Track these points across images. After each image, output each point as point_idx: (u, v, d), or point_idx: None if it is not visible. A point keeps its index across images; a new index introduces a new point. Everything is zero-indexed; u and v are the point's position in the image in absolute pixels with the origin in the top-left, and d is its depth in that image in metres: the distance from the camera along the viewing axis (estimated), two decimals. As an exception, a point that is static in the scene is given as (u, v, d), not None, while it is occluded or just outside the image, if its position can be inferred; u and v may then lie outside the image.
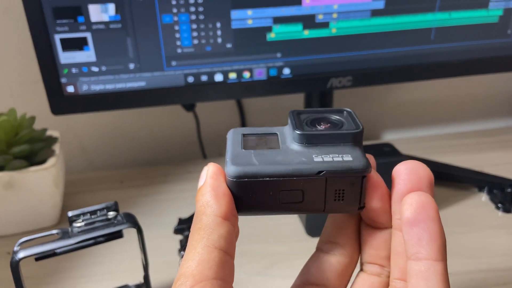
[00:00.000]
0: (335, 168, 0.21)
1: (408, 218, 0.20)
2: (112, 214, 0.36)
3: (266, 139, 0.24)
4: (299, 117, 0.24)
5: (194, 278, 0.19)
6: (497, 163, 0.66)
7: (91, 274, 0.48)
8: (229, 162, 0.21)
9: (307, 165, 0.21)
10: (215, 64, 0.52)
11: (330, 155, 0.21)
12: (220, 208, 0.21)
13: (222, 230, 0.20)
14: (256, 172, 0.21)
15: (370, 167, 0.21)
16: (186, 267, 0.19)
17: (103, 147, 0.71)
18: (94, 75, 0.50)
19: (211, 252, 0.20)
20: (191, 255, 0.20)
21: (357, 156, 0.21)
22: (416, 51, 0.55)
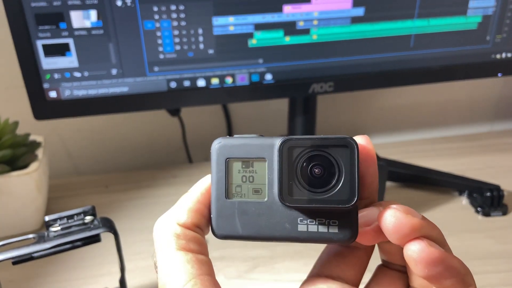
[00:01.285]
0: (318, 241, 0.20)
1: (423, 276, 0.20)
2: (89, 218, 0.36)
3: (253, 173, 0.21)
4: (291, 154, 0.20)
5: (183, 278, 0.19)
6: (479, 167, 0.67)
7: (71, 279, 0.48)
8: (213, 218, 0.22)
9: (290, 233, 0.21)
10: (198, 70, 0.52)
11: (315, 222, 0.20)
12: (187, 220, 0.21)
13: (189, 236, 0.21)
14: (240, 236, 0.21)
15: (354, 237, 0.20)
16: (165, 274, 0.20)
17: (88, 152, 0.71)
18: (77, 80, 0.50)
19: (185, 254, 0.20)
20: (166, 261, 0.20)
21: (345, 224, 0.20)
22: (396, 57, 0.56)
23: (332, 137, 0.20)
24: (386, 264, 0.24)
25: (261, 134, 0.23)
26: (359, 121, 0.79)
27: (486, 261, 0.49)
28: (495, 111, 0.83)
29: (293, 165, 0.20)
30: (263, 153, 0.21)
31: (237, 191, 0.21)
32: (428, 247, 0.19)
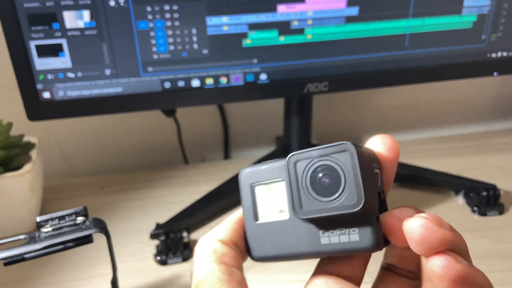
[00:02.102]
0: (342, 252, 0.20)
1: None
2: (81, 219, 0.36)
3: (275, 194, 0.22)
4: (296, 168, 0.21)
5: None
6: (476, 167, 0.67)
7: (64, 280, 0.48)
8: (249, 241, 0.23)
9: (315, 248, 0.21)
10: (192, 70, 0.52)
11: (336, 232, 0.20)
12: (225, 237, 0.23)
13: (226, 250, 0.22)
14: (272, 257, 0.23)
15: (379, 243, 0.20)
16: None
17: (83, 153, 0.71)
18: (70, 81, 0.50)
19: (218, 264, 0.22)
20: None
21: (365, 231, 0.20)
22: (391, 57, 0.56)
23: (331, 144, 0.20)
24: (392, 268, 0.23)
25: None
26: (355, 121, 0.79)
27: (482, 261, 0.49)
28: (491, 111, 0.82)
29: (301, 178, 0.21)
30: (281, 174, 0.22)
31: (264, 213, 0.22)
32: (456, 264, 0.18)
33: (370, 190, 0.20)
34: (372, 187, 0.20)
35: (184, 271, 0.48)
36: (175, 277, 0.48)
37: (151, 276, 0.48)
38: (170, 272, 0.48)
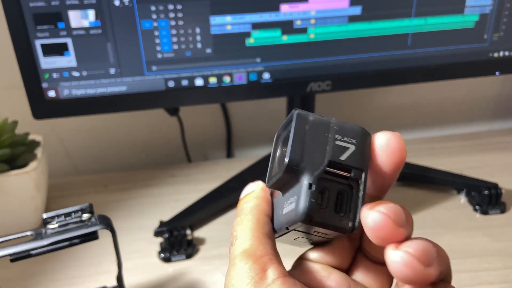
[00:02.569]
0: (289, 223, 0.21)
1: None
2: (87, 216, 0.36)
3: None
4: (275, 147, 0.23)
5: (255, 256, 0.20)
6: (477, 166, 0.67)
7: (69, 277, 0.48)
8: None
9: (279, 222, 0.22)
10: (195, 69, 0.53)
11: (288, 202, 0.21)
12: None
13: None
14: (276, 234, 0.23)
15: (310, 215, 0.19)
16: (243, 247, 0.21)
17: (87, 152, 0.71)
18: (75, 80, 0.50)
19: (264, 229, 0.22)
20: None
21: (299, 200, 0.20)
22: (394, 56, 0.56)
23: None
24: (368, 255, 0.23)
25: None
26: (357, 121, 0.79)
27: (484, 259, 0.50)
28: (493, 110, 0.83)
29: (273, 154, 0.24)
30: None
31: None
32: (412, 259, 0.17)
33: (299, 153, 0.20)
34: (310, 152, 0.20)
35: (187, 268, 0.49)
36: (178, 274, 0.48)
37: (155, 273, 0.48)
38: (174, 269, 0.49)
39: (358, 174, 0.20)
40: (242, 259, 0.20)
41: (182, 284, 0.47)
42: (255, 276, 0.19)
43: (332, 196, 0.20)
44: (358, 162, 0.20)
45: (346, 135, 0.20)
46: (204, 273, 0.48)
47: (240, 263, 0.20)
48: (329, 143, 0.20)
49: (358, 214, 0.20)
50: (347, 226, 0.20)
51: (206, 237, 0.54)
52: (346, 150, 0.20)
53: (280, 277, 0.19)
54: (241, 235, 0.21)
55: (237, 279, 0.20)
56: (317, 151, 0.20)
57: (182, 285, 0.47)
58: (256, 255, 0.20)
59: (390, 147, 0.20)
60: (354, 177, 0.20)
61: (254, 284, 0.19)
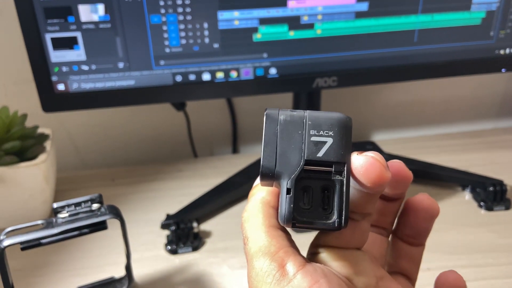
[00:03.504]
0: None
1: None
2: (96, 206, 0.37)
3: None
4: None
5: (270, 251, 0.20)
6: (482, 163, 0.67)
7: (78, 268, 0.49)
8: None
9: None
10: (203, 64, 0.53)
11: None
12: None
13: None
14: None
15: (289, 215, 0.20)
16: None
17: (95, 146, 0.72)
18: (84, 73, 0.51)
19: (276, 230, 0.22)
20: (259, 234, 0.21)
21: (280, 205, 0.20)
22: (400, 52, 0.56)
23: None
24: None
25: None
26: (363, 117, 0.79)
27: (488, 255, 0.50)
28: (499, 108, 0.83)
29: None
30: None
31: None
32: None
33: (272, 159, 0.19)
34: (284, 154, 0.20)
35: (193, 260, 0.49)
36: (185, 266, 0.49)
37: (161, 265, 0.49)
38: (180, 261, 0.49)
39: (339, 167, 0.19)
40: (259, 259, 0.20)
41: (189, 275, 0.47)
42: (276, 273, 0.19)
43: (316, 194, 0.20)
44: (338, 155, 0.19)
45: (322, 129, 0.20)
46: (211, 265, 0.49)
47: (257, 263, 0.20)
48: (304, 141, 0.20)
49: (344, 209, 0.19)
50: (334, 223, 0.20)
51: (212, 230, 0.54)
52: (324, 145, 0.20)
53: (300, 269, 0.19)
54: (251, 233, 0.21)
55: (259, 281, 0.20)
56: (292, 152, 0.19)
57: (188, 276, 0.47)
58: (271, 251, 0.20)
59: (365, 170, 0.20)
60: (336, 171, 0.20)
61: (277, 283, 0.19)
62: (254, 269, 0.20)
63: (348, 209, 0.20)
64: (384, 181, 0.19)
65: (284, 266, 0.20)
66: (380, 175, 0.19)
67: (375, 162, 0.19)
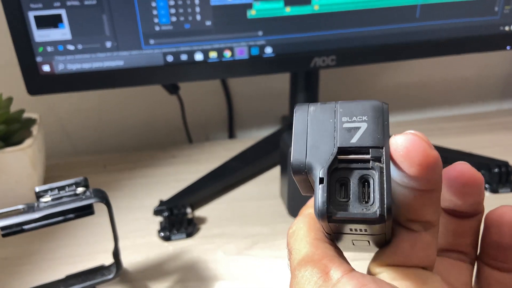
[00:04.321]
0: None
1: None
2: (81, 189, 0.35)
3: None
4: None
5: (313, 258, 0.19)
6: (487, 145, 0.65)
7: (67, 256, 0.47)
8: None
9: None
10: (195, 43, 0.51)
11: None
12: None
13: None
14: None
15: (323, 209, 0.17)
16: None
17: (87, 132, 0.70)
18: (70, 53, 0.49)
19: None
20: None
21: (314, 198, 0.18)
22: (401, 29, 0.54)
23: None
24: (443, 252, 0.22)
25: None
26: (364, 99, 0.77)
27: (494, 237, 0.48)
28: (503, 90, 0.80)
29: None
30: None
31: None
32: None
33: (302, 151, 0.18)
34: (316, 145, 0.18)
35: (187, 246, 0.48)
36: (178, 253, 0.47)
37: (154, 251, 0.47)
38: (174, 248, 0.48)
39: (377, 153, 0.17)
40: (301, 268, 0.18)
41: (183, 262, 0.46)
42: (318, 280, 0.18)
43: (354, 185, 0.18)
44: (374, 139, 0.18)
45: (355, 114, 0.18)
46: (205, 251, 0.47)
47: (299, 273, 0.18)
48: (336, 128, 0.18)
49: (386, 198, 0.17)
50: (376, 213, 0.17)
51: (207, 216, 0.52)
52: (357, 130, 0.18)
53: (346, 274, 0.18)
54: (295, 245, 0.20)
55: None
56: (324, 142, 0.18)
57: (182, 263, 0.45)
58: (314, 259, 0.19)
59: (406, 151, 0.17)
60: (373, 157, 0.17)
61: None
62: (296, 278, 0.18)
63: (390, 198, 0.17)
64: (430, 162, 0.16)
65: (328, 272, 0.18)
66: (424, 153, 0.16)
67: (416, 139, 0.16)
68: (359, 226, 0.18)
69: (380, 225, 0.17)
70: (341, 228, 0.18)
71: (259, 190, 0.57)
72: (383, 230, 0.18)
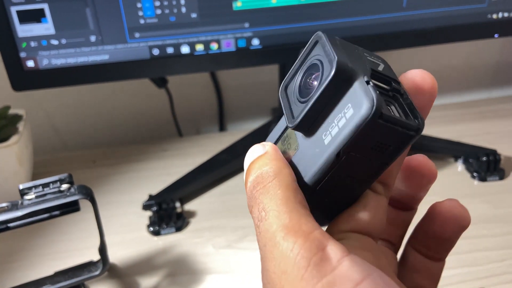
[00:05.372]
0: (350, 136, 0.17)
1: None
2: (66, 186, 0.35)
3: (289, 140, 0.21)
4: (286, 93, 0.21)
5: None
6: (475, 133, 0.65)
7: (57, 251, 0.47)
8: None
9: (325, 154, 0.18)
10: (181, 36, 0.50)
11: (334, 123, 0.18)
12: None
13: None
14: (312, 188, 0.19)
15: (379, 104, 0.17)
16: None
17: (76, 127, 0.69)
18: (54, 48, 0.48)
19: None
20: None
21: (357, 98, 0.17)
22: (388, 19, 0.54)
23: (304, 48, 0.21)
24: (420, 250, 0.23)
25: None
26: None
27: (482, 225, 0.48)
28: (492, 78, 0.80)
29: (291, 95, 0.21)
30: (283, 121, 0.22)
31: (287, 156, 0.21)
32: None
33: (345, 58, 0.18)
34: (351, 59, 0.18)
35: (177, 240, 0.48)
36: (168, 247, 0.47)
37: (144, 246, 0.47)
38: (163, 242, 0.48)
39: (398, 85, 0.19)
40: (287, 237, 0.16)
41: (172, 256, 0.46)
42: (314, 257, 0.15)
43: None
44: (394, 75, 0.20)
45: (373, 56, 0.20)
46: (195, 245, 0.47)
47: (285, 242, 0.16)
48: (362, 57, 0.19)
49: (418, 113, 0.18)
50: (414, 123, 0.18)
51: (197, 210, 0.52)
52: (379, 65, 0.20)
53: (346, 256, 0.15)
54: (272, 207, 0.17)
55: (289, 264, 0.15)
56: (357, 62, 0.18)
57: (172, 257, 0.45)
58: (302, 230, 0.16)
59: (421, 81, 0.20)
60: (394, 87, 0.19)
61: (315, 268, 0.15)
62: (279, 248, 0.16)
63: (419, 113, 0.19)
64: (435, 86, 0.19)
65: (324, 249, 0.15)
66: (433, 78, 0.19)
67: (424, 71, 0.20)
68: (391, 140, 0.18)
69: (412, 135, 0.18)
70: (368, 139, 0.17)
71: (249, 183, 0.57)
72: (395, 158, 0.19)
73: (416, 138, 0.18)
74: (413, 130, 0.18)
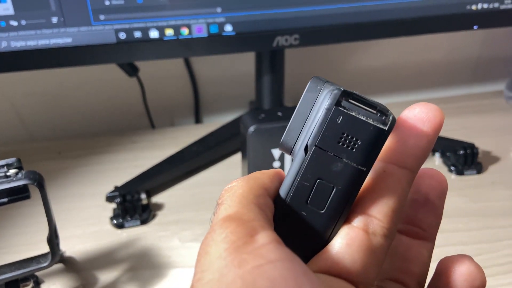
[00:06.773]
0: (312, 130, 0.17)
1: None
2: (13, 171, 0.32)
3: None
4: None
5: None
6: (453, 128, 0.64)
7: (12, 245, 0.44)
8: None
9: (296, 157, 0.18)
10: (149, 19, 0.48)
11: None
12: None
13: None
14: None
15: (343, 92, 0.17)
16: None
17: (43, 117, 0.66)
18: (13, 30, 0.45)
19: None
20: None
21: (325, 95, 0.17)
22: (366, 7, 0.52)
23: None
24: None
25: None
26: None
27: (458, 219, 0.47)
28: (472, 73, 0.80)
29: None
30: None
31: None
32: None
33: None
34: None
35: (142, 234, 0.45)
36: (132, 240, 0.44)
37: (106, 239, 0.44)
38: (128, 235, 0.45)
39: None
40: (223, 225, 0.16)
41: (136, 249, 0.43)
42: (237, 240, 0.15)
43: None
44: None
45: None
46: (160, 238, 0.45)
47: (219, 229, 0.16)
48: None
49: (389, 112, 0.17)
50: (379, 116, 0.17)
51: (165, 202, 0.50)
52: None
53: (274, 243, 0.15)
54: (228, 201, 0.17)
55: (213, 245, 0.15)
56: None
57: (135, 251, 0.43)
58: (242, 219, 0.16)
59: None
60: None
61: (235, 249, 0.15)
62: (213, 233, 0.16)
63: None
64: (442, 118, 0.18)
65: (254, 235, 0.15)
66: (438, 111, 0.18)
67: (428, 104, 0.18)
68: (358, 131, 0.17)
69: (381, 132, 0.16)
70: (335, 130, 0.16)
71: (220, 176, 0.54)
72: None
73: (386, 135, 0.17)
74: (379, 122, 0.17)
